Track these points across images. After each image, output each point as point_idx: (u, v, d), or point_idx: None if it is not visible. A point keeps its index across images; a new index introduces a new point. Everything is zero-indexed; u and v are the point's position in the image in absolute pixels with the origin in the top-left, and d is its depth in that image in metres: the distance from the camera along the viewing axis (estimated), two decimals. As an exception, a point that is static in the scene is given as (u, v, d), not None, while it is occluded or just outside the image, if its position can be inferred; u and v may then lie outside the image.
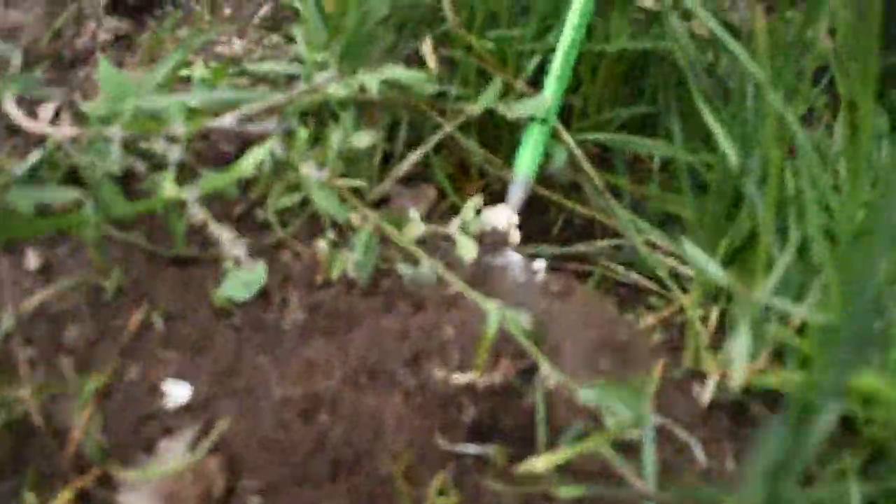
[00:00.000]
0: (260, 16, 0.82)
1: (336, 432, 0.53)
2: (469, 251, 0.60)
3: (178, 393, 0.54)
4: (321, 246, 0.59)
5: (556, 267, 0.69)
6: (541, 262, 0.63)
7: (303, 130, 0.58)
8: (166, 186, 0.53)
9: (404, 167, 0.65)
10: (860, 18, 0.64)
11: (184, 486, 0.50)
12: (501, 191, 0.68)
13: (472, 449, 0.53)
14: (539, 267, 0.62)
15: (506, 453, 0.53)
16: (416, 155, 0.65)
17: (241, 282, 0.57)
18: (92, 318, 0.55)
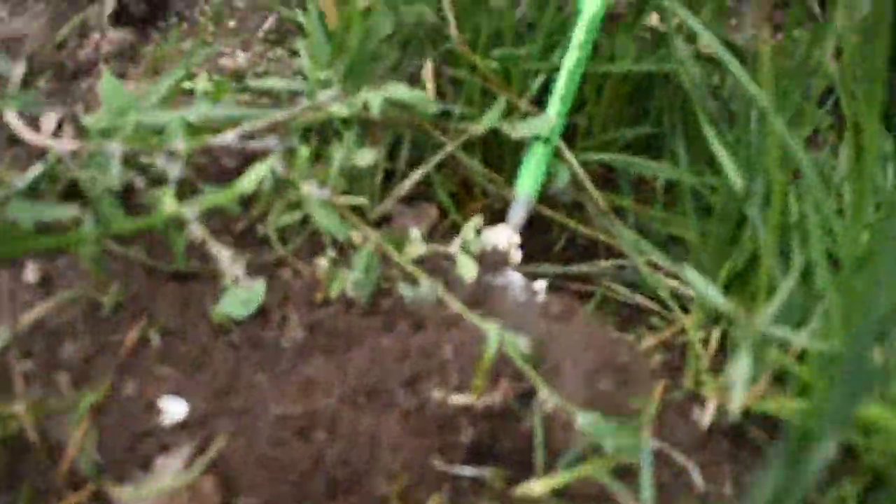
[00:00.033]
0: (264, 29, 0.82)
1: (333, 451, 0.53)
2: (469, 271, 0.60)
3: (174, 410, 0.54)
4: (321, 264, 0.59)
5: (558, 286, 0.69)
6: (541, 283, 0.62)
7: (304, 148, 0.58)
8: (166, 202, 0.53)
9: (406, 186, 0.65)
10: (867, 40, 0.63)
11: (179, 505, 0.50)
12: (503, 210, 0.68)
13: (469, 471, 0.53)
14: (540, 287, 0.62)
15: (503, 476, 0.53)
16: (418, 174, 0.65)
17: (240, 299, 0.57)
18: (89, 333, 0.55)
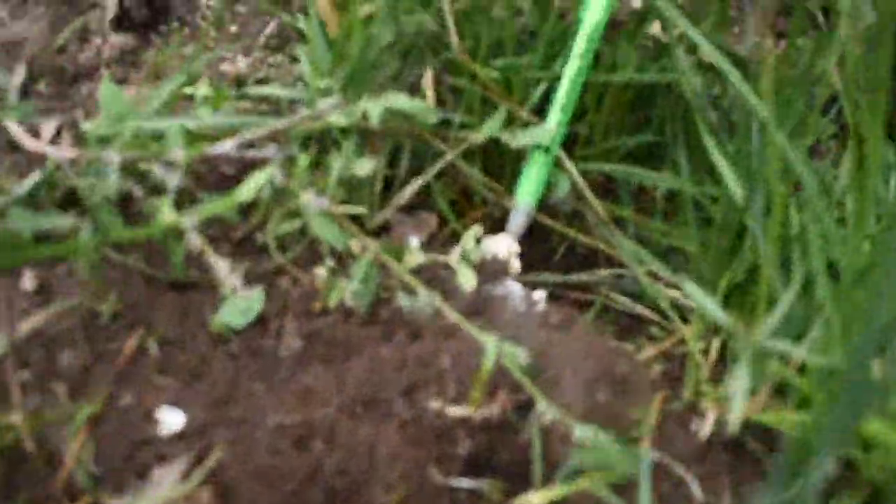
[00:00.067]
0: (266, 34, 0.82)
1: (331, 461, 0.53)
2: (469, 280, 0.60)
3: (172, 420, 0.54)
4: (320, 273, 0.59)
5: (558, 295, 0.69)
6: (541, 293, 0.62)
7: (303, 157, 0.57)
8: (165, 212, 0.53)
9: (406, 195, 0.65)
10: (871, 50, 0.63)
11: (176, 516, 0.50)
12: (503, 218, 0.68)
13: (467, 483, 0.53)
14: (539, 297, 0.62)
15: (500, 488, 0.53)
16: (418, 183, 0.65)
17: (239, 308, 0.57)
18: (87, 342, 0.55)
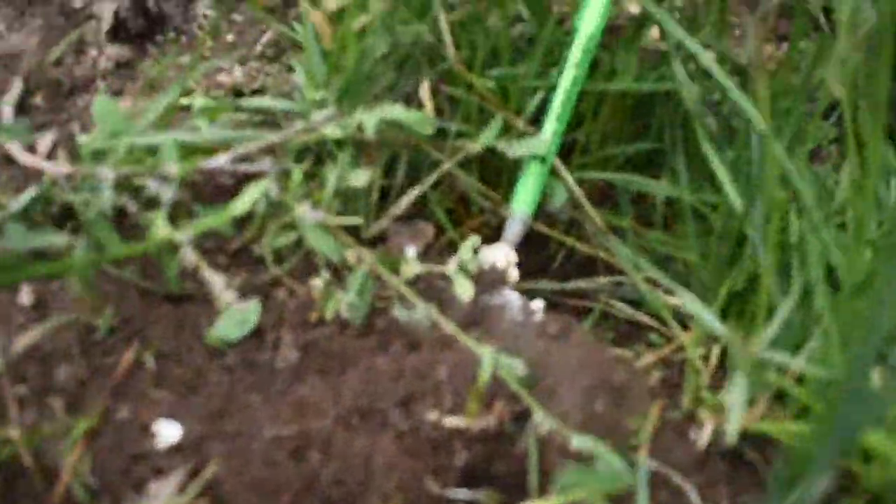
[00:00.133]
0: (262, 43, 0.81)
1: (327, 472, 0.53)
2: (466, 291, 0.60)
3: (168, 433, 0.54)
4: (316, 285, 0.59)
5: (556, 302, 0.69)
6: (539, 302, 0.62)
7: (297, 171, 0.57)
8: (159, 226, 0.53)
9: (402, 205, 0.65)
10: (871, 53, 0.63)
11: (171, 529, 0.50)
12: (501, 227, 0.68)
13: (464, 494, 0.53)
14: (537, 307, 0.62)
15: (497, 499, 0.53)
16: (415, 193, 0.65)
17: (235, 321, 0.57)
18: (83, 356, 0.55)
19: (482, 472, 0.54)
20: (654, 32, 0.75)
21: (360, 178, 0.60)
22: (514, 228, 0.67)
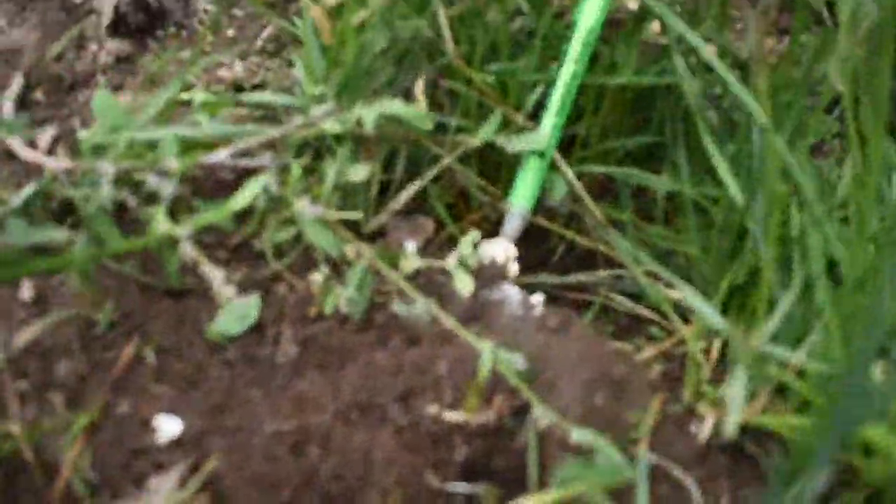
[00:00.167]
0: (263, 37, 0.81)
1: (326, 467, 0.53)
2: (466, 285, 0.60)
3: (168, 428, 0.54)
4: (315, 280, 0.59)
5: (556, 296, 0.68)
6: (538, 297, 0.62)
7: (297, 166, 0.57)
8: (159, 221, 0.53)
9: (401, 199, 0.65)
10: (872, 48, 0.63)
11: (171, 525, 0.50)
12: (501, 221, 0.68)
13: (463, 488, 0.53)
14: (537, 301, 0.62)
15: (497, 493, 0.53)
16: (414, 188, 0.65)
17: (235, 316, 0.57)
18: (83, 352, 0.55)
19: (482, 466, 0.54)
20: (654, 26, 0.75)
21: (360, 172, 0.60)
22: (513, 223, 0.67)
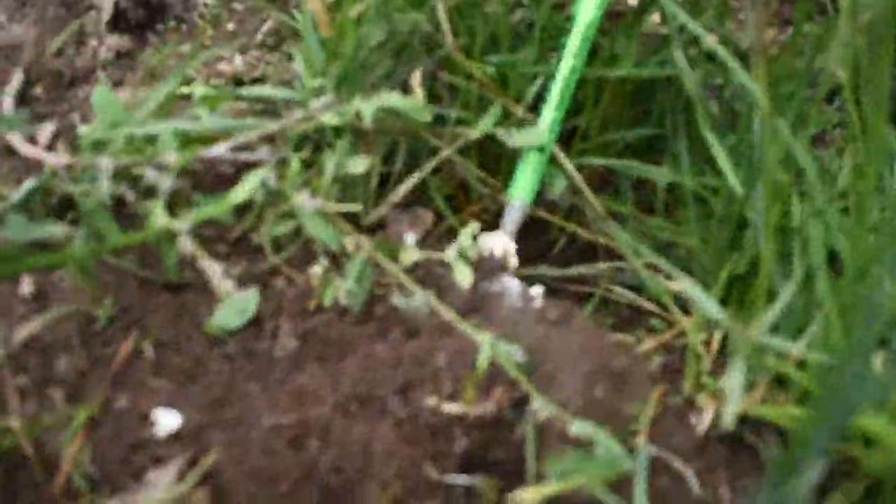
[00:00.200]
0: (263, 31, 0.81)
1: (325, 460, 0.53)
2: (465, 277, 0.60)
3: (167, 422, 0.54)
4: (315, 273, 0.59)
5: (557, 288, 0.68)
6: (538, 288, 0.62)
7: (296, 160, 0.57)
8: (158, 215, 0.53)
9: (401, 192, 0.65)
10: (873, 37, 0.62)
11: (169, 518, 0.51)
12: (501, 213, 0.68)
13: (462, 480, 0.53)
14: (536, 293, 0.62)
15: (496, 485, 0.53)
16: (413, 180, 0.65)
17: (234, 309, 0.57)
18: (83, 347, 0.55)
19: (480, 458, 0.54)
20: (654, 17, 0.75)
21: (359, 165, 0.60)
22: (513, 218, 0.67)
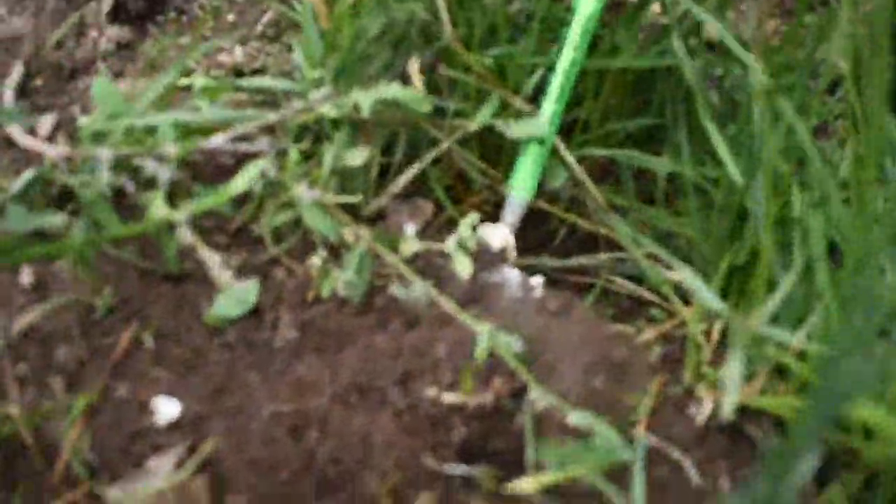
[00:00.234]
0: (263, 22, 0.81)
1: (325, 450, 0.53)
2: (465, 268, 0.60)
3: (167, 410, 0.54)
4: (314, 263, 0.59)
5: (557, 279, 0.68)
6: (538, 279, 0.62)
7: (295, 151, 0.57)
8: (157, 206, 0.53)
9: (401, 182, 0.65)
10: (874, 28, 0.62)
11: (167, 506, 0.51)
12: (501, 204, 0.68)
13: (461, 469, 0.53)
14: (536, 283, 0.62)
15: (494, 475, 0.53)
16: (413, 170, 0.65)
17: (234, 300, 0.57)
18: (83, 336, 0.56)
19: (480, 448, 0.54)
20: (655, 7, 0.75)
21: (358, 156, 0.60)
22: (513, 211, 0.67)
